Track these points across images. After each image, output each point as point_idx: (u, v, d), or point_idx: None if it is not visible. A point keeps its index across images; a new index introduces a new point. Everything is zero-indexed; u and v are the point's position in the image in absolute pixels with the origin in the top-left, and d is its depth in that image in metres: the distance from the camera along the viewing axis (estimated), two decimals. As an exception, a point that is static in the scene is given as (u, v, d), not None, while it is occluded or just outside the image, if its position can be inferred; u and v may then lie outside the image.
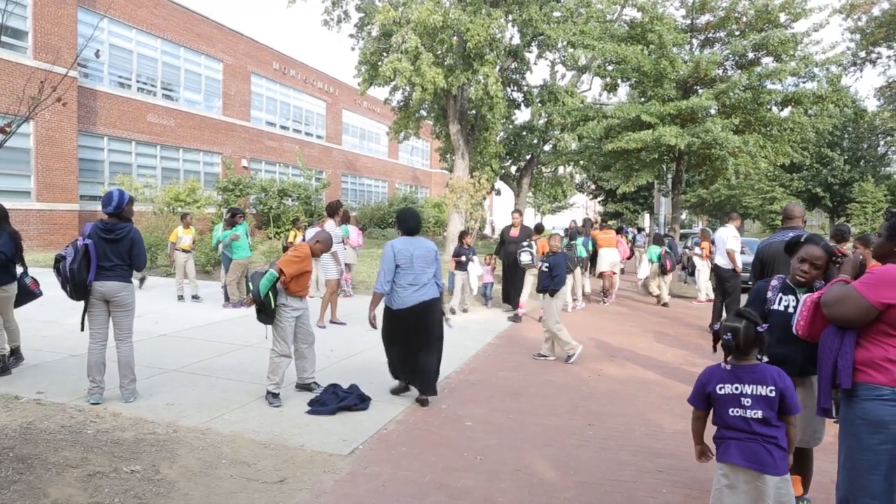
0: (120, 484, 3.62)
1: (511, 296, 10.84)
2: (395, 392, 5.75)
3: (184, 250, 11.02)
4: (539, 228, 11.42)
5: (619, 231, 17.83)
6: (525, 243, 10.02)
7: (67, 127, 18.79)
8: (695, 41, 17.51)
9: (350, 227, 10.70)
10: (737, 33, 16.45)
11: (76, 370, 5.97)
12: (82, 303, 5.22)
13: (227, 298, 10.34)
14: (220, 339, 7.89)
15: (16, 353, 6.24)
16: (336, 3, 19.82)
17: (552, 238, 8.00)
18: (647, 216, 45.73)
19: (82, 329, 5.21)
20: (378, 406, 5.35)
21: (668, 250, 12.89)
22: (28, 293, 6.11)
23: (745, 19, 16.32)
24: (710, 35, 17.34)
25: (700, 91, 15.35)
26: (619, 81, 17.90)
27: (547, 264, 7.49)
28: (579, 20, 19.25)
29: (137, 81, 22.64)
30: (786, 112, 16.54)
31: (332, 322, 8.99)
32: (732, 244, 9.59)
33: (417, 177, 47.95)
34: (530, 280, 9.95)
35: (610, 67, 17.39)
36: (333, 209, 9.48)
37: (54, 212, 18.63)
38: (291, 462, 4.14)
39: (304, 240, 8.23)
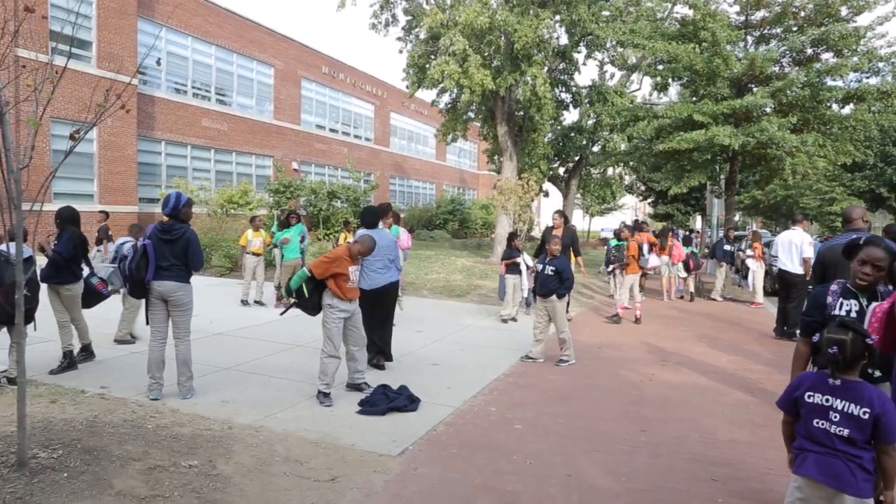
0: (179, 478, 3.73)
1: None
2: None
3: (254, 254, 10.80)
4: (637, 226, 11.49)
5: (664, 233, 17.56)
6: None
7: (128, 132, 19.50)
8: (749, 38, 17.01)
9: (400, 229, 10.76)
10: (794, 29, 15.91)
11: (136, 367, 6.18)
12: (143, 302, 5.44)
13: (279, 299, 10.56)
14: (272, 338, 8.05)
15: (87, 350, 6.53)
16: (384, 7, 19.98)
17: (553, 241, 7.64)
18: (698, 218, 44.66)
19: (147, 322, 5.41)
20: (427, 408, 5.37)
21: (693, 251, 13.63)
22: (95, 294, 6.34)
23: (803, 14, 15.77)
24: (766, 31, 16.82)
25: (755, 89, 14.90)
26: (669, 80, 17.53)
27: (553, 267, 7.27)
28: (629, 19, 18.93)
29: (193, 87, 23.33)
30: (847, 109, 15.91)
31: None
32: (809, 252, 9.32)
33: (465, 178, 47.99)
34: (629, 280, 10.90)
35: (660, 66, 17.05)
36: (382, 212, 9.57)
37: (116, 213, 19.31)
38: (342, 461, 4.19)
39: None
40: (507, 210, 17.17)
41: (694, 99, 16.38)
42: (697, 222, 47.12)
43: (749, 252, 13.17)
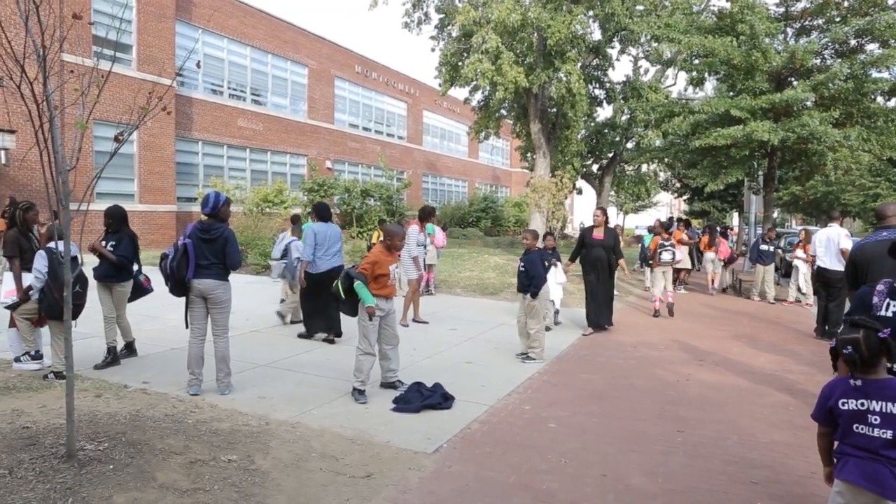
0: (219, 472, 3.81)
1: (597, 313, 9.02)
2: (302, 336, 7.88)
3: None
4: (667, 226, 11.34)
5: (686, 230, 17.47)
6: (668, 243, 11.19)
7: (166, 133, 19.93)
8: (789, 30, 16.61)
9: (435, 227, 10.80)
10: (837, 19, 15.47)
11: (176, 362, 6.33)
12: (184, 300, 5.55)
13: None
14: (308, 335, 8.15)
15: (130, 348, 6.71)
16: (416, 5, 20.04)
17: (525, 235, 7.50)
18: (735, 215, 43.82)
19: (187, 326, 5.53)
20: (461, 406, 5.39)
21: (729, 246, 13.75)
22: (141, 289, 6.58)
23: (846, 4, 15.33)
24: (807, 23, 16.39)
25: (795, 83, 14.56)
26: (706, 75, 17.21)
27: (522, 265, 7.15)
28: (664, 13, 18.66)
29: (229, 88, 23.72)
30: (893, 102, 15.43)
31: (414, 321, 9.12)
32: (846, 243, 9.12)
33: (497, 176, 47.90)
34: (669, 276, 11.19)
35: (696, 61, 16.75)
36: (425, 215, 9.67)
37: (154, 212, 19.79)
38: (378, 458, 4.23)
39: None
40: (540, 208, 17.09)
41: (731, 94, 16.06)
42: (734, 219, 46.25)
43: (799, 253, 12.89)
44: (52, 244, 5.67)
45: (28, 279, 5.81)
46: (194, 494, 3.49)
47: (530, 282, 7.02)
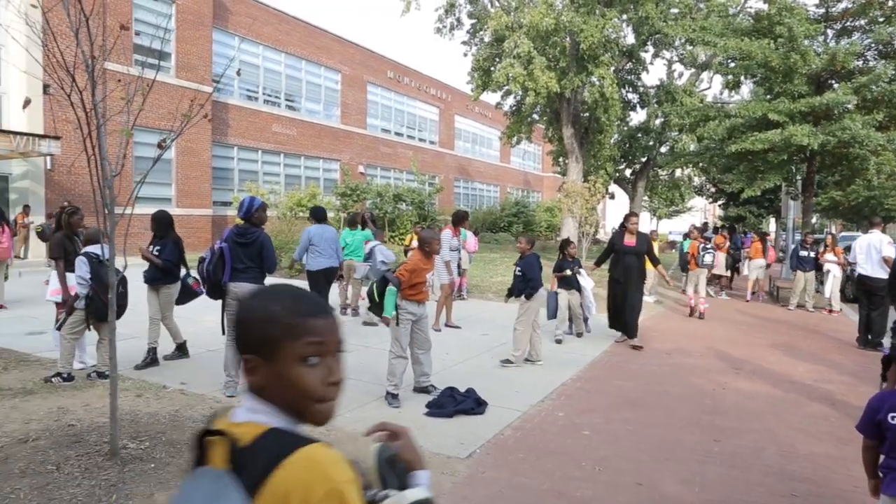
0: (255, 473, 3.87)
1: (625, 321, 8.47)
2: None
3: None
4: (702, 231, 11.35)
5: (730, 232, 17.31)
6: (709, 245, 11.62)
7: (203, 138, 20.33)
8: (829, 31, 16.25)
9: (467, 232, 10.79)
10: (881, 20, 15.09)
11: (213, 364, 6.44)
12: (217, 303, 5.65)
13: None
14: (341, 339, 8.22)
15: (181, 349, 6.88)
16: (449, 11, 20.14)
17: (519, 240, 7.53)
18: (772, 220, 42.93)
19: (223, 332, 5.62)
20: (494, 411, 5.38)
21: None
22: (190, 292, 6.71)
23: (891, 3, 14.95)
24: (848, 23, 16.03)
25: (836, 85, 14.23)
26: (742, 78, 16.94)
27: (519, 268, 7.16)
28: (699, 16, 18.44)
29: (263, 94, 24.11)
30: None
31: (447, 325, 9.14)
32: (888, 250, 8.87)
33: (529, 181, 47.76)
34: (703, 279, 11.49)
35: (732, 64, 16.50)
36: (459, 219, 9.69)
37: (191, 216, 20.18)
38: (411, 462, 4.25)
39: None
40: (573, 213, 16.99)
41: (768, 97, 15.77)
42: (771, 224, 45.34)
43: (829, 256, 12.58)
44: (90, 248, 5.83)
45: (71, 279, 5.97)
46: (232, 494, 3.55)
47: (526, 284, 7.08)
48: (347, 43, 28.15)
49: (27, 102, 4.14)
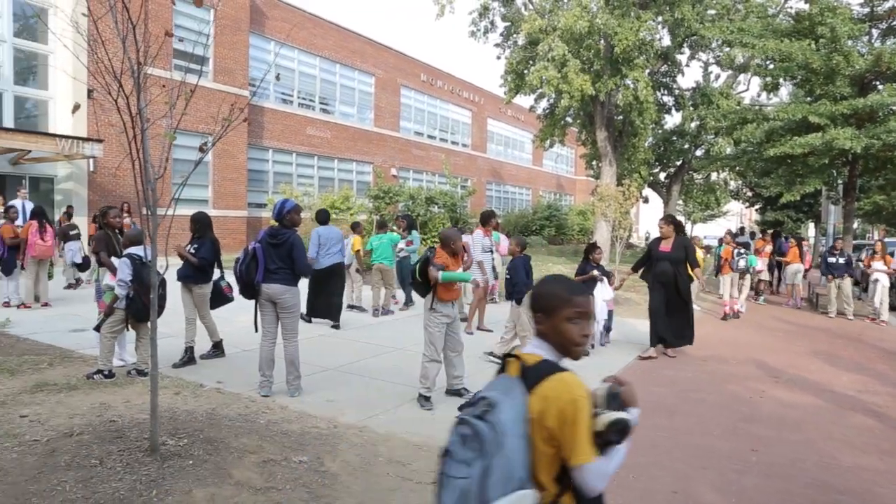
0: (290, 472, 3.92)
1: (665, 333, 7.92)
2: (302, 318, 7.88)
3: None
4: (735, 235, 11.24)
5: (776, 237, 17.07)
6: (742, 250, 11.85)
7: (239, 141, 20.68)
8: (874, 31, 15.83)
9: (500, 235, 10.76)
10: (929, 20, 14.67)
11: (248, 363, 6.55)
12: (251, 303, 5.74)
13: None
14: (373, 341, 8.29)
15: (217, 347, 6.99)
16: (483, 14, 20.15)
17: (510, 242, 7.53)
18: (811, 225, 41.94)
19: (256, 330, 5.71)
20: (526, 415, 5.35)
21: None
22: (222, 297, 6.76)
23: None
24: (895, 23, 15.59)
25: (881, 87, 13.84)
26: (781, 80, 16.59)
27: (507, 272, 7.24)
28: (736, 17, 18.12)
29: (298, 97, 24.42)
30: None
31: (479, 329, 9.13)
32: None
33: (561, 184, 47.48)
34: (737, 282, 11.81)
35: (771, 65, 16.17)
36: (486, 218, 9.68)
37: (227, 218, 20.53)
38: (444, 465, 4.25)
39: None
40: (606, 217, 16.83)
41: (809, 99, 15.44)
42: (810, 230, 44.28)
43: (878, 265, 12.25)
44: (132, 249, 5.97)
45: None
46: (267, 493, 3.60)
47: (513, 288, 7.09)
48: (381, 47, 28.36)
49: (76, 107, 4.26)
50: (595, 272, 7.98)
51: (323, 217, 9.52)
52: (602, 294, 8.01)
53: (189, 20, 18.81)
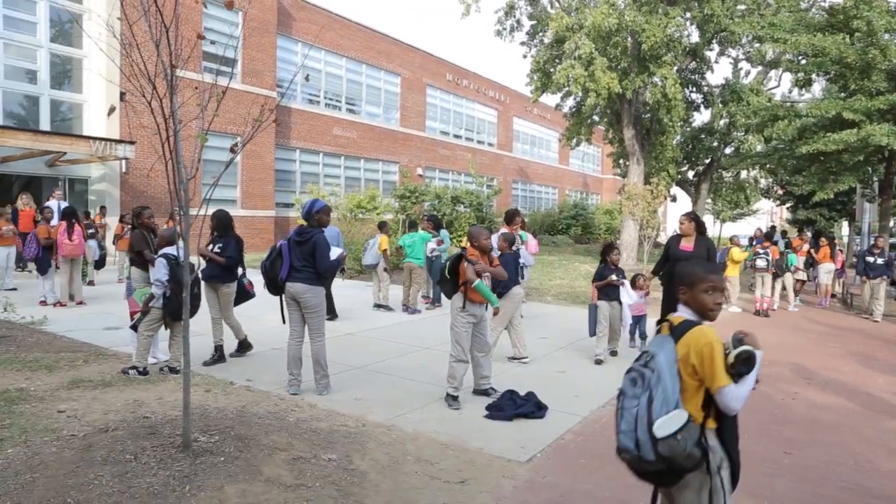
0: (320, 470, 3.95)
1: None
2: None
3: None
4: (769, 235, 11.15)
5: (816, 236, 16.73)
6: (761, 251, 12.01)
7: (267, 142, 20.92)
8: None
9: (528, 235, 10.71)
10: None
11: (276, 362, 6.63)
12: (279, 298, 5.80)
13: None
14: (400, 340, 8.32)
15: (242, 346, 7.08)
16: (508, 13, 20.10)
17: (499, 238, 7.34)
18: (845, 224, 41.04)
19: (284, 322, 5.78)
20: (554, 415, 5.33)
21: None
22: (244, 293, 6.87)
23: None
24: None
25: (920, 82, 13.50)
26: (814, 76, 16.27)
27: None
28: (767, 12, 17.81)
29: (325, 98, 24.61)
30: None
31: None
32: None
33: (588, 183, 47.15)
34: (768, 281, 12.09)
35: (804, 61, 15.86)
36: (509, 217, 9.64)
37: (255, 217, 20.78)
38: (472, 464, 4.26)
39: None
40: (634, 216, 16.68)
41: (843, 95, 15.11)
42: (844, 229, 43.35)
43: None
44: (168, 249, 6.07)
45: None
46: (297, 490, 3.64)
47: (498, 283, 6.96)
48: (407, 47, 28.45)
49: (112, 109, 4.33)
50: (613, 277, 7.57)
51: (325, 219, 9.75)
52: (626, 298, 7.64)
53: (217, 23, 19.08)
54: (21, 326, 8.09)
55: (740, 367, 2.30)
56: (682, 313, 2.53)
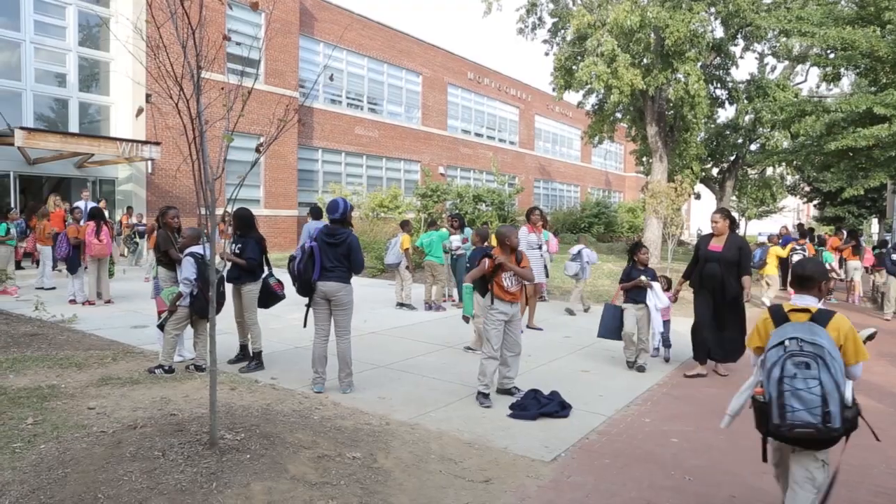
0: (344, 468, 3.97)
1: (714, 349, 6.82)
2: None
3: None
4: (805, 233, 11.07)
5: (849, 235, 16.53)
6: (798, 247, 12.08)
7: (290, 142, 21.08)
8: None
9: (549, 233, 10.64)
10: None
11: (301, 360, 6.68)
12: (304, 301, 5.82)
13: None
14: (423, 338, 8.33)
15: (257, 357, 6.58)
16: (530, 11, 20.03)
17: (472, 233, 7.48)
18: (874, 221, 40.31)
19: (304, 325, 5.80)
20: (579, 415, 5.30)
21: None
22: (273, 295, 6.68)
23: None
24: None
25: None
26: (843, 70, 15.96)
27: (467, 263, 7.28)
28: (794, 5, 17.52)
29: (347, 97, 24.73)
30: None
31: (529, 327, 9.06)
32: None
33: (610, 181, 46.80)
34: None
35: (832, 55, 15.57)
36: (527, 215, 9.61)
37: (277, 217, 20.96)
38: (495, 463, 4.25)
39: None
40: (657, 213, 16.51)
41: (874, 89, 14.81)
42: (873, 226, 42.58)
43: None
44: (195, 248, 6.14)
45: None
46: (322, 488, 3.66)
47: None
48: (428, 46, 28.47)
49: (140, 111, 4.39)
50: (643, 278, 6.95)
51: (318, 214, 10.26)
52: (654, 301, 6.95)
53: (240, 24, 19.27)
54: (52, 325, 8.25)
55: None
56: (811, 302, 3.06)
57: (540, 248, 9.37)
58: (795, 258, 12.00)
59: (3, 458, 3.84)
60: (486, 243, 7.44)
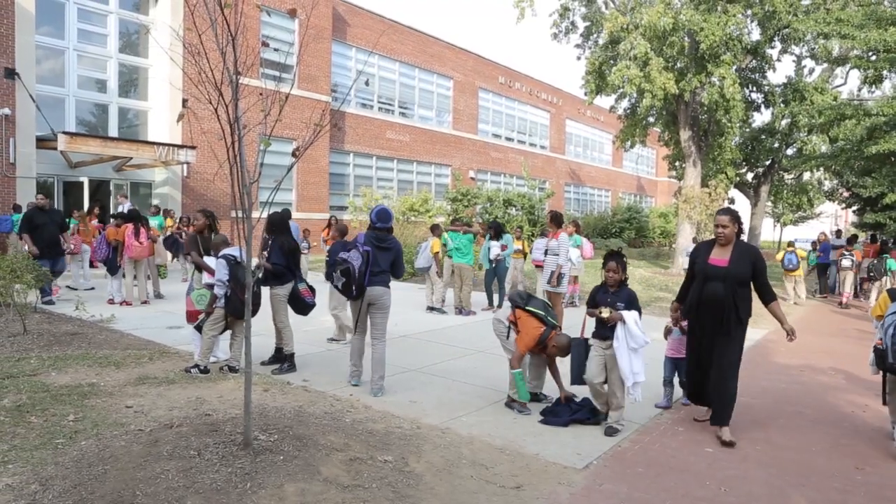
0: (376, 471, 3.99)
1: (695, 382, 5.36)
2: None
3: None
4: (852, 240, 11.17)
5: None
6: (847, 252, 13.23)
7: (322, 146, 21.30)
8: None
9: (582, 239, 10.56)
10: None
11: (332, 363, 6.74)
12: (358, 307, 5.88)
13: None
14: (454, 342, 8.33)
15: (290, 360, 6.62)
16: (563, 15, 19.94)
17: (333, 226, 7.52)
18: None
19: (354, 332, 5.97)
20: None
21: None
22: (299, 300, 6.72)
23: None
24: None
25: None
26: (885, 72, 15.54)
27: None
28: (833, 6, 17.13)
29: (378, 102, 24.91)
30: None
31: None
32: None
33: (642, 186, 46.31)
34: (849, 279, 13.65)
35: (874, 57, 15.18)
36: (555, 218, 9.58)
37: (309, 220, 21.15)
38: (527, 469, 4.23)
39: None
40: (691, 219, 16.28)
41: (917, 92, 14.39)
42: (916, 233, 41.23)
43: None
44: (227, 251, 6.24)
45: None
46: (354, 490, 3.68)
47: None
48: (459, 50, 28.54)
49: (181, 116, 4.49)
50: (603, 309, 5.22)
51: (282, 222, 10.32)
52: (625, 339, 5.00)
53: (275, 30, 19.56)
54: (91, 324, 8.45)
55: None
56: None
57: (557, 254, 9.12)
58: (845, 262, 13.41)
59: (47, 454, 3.95)
60: (344, 237, 7.68)
